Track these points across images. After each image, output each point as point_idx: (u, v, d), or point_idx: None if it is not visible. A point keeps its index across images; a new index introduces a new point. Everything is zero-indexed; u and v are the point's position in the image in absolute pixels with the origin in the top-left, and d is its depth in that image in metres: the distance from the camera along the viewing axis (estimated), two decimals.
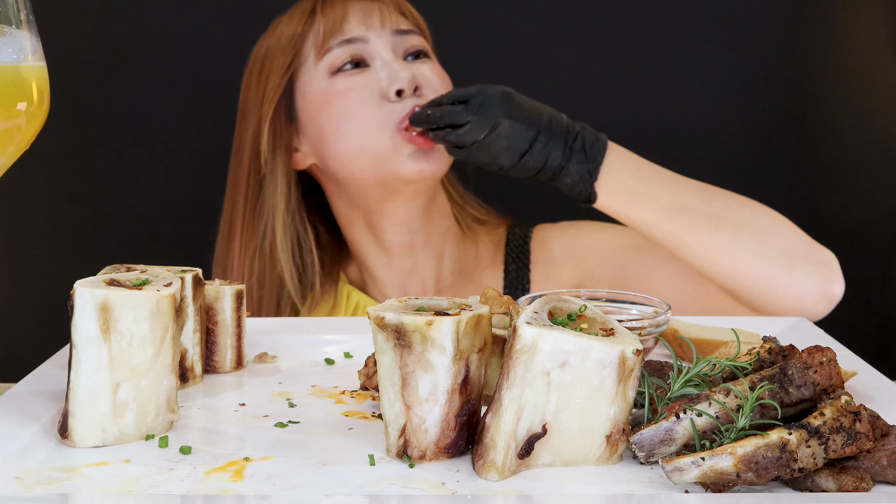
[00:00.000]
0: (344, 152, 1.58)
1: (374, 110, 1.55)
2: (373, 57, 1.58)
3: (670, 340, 1.14)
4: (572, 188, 1.44)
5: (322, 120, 1.59)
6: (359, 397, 1.05)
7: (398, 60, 1.58)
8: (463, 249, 1.72)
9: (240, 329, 1.13)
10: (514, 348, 0.83)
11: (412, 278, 1.68)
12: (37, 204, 2.14)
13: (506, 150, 1.42)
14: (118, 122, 2.13)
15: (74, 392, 0.90)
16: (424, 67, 1.60)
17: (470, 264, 1.72)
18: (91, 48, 2.11)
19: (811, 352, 0.86)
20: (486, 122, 1.41)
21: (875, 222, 2.11)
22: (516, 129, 1.42)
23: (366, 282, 1.71)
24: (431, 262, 1.68)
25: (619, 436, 0.85)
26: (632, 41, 2.09)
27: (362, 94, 1.56)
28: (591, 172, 1.43)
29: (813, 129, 2.11)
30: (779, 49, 2.09)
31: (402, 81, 1.54)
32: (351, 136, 1.56)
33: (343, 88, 1.57)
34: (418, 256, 1.68)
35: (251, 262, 1.64)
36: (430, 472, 0.85)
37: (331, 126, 1.58)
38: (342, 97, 1.57)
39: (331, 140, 1.58)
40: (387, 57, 1.58)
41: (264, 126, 1.62)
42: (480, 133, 1.42)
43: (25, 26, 0.92)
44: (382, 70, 1.57)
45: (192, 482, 0.83)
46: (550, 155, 1.42)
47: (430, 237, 1.67)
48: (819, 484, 0.79)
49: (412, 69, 1.58)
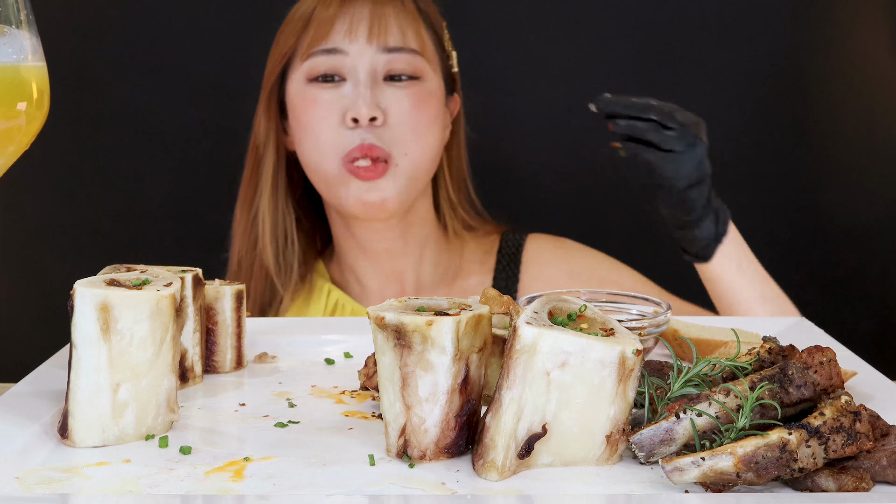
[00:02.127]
0: (305, 161, 1.63)
1: (329, 131, 1.57)
2: (349, 72, 1.58)
3: (670, 340, 1.14)
4: (697, 242, 1.48)
5: (294, 121, 1.63)
6: (359, 397, 1.05)
7: (370, 84, 1.57)
8: (447, 254, 1.72)
9: (240, 329, 1.13)
10: (514, 348, 0.83)
11: (391, 282, 1.69)
12: (37, 204, 2.14)
13: (690, 171, 1.44)
14: (118, 122, 2.13)
15: (74, 392, 0.90)
16: (401, 93, 1.58)
17: (454, 269, 1.72)
18: (91, 48, 2.11)
19: (811, 352, 0.86)
20: (689, 138, 1.43)
21: (875, 222, 2.11)
22: (703, 160, 1.45)
23: (347, 280, 1.72)
24: (411, 267, 1.69)
25: (619, 436, 0.85)
26: (632, 41, 2.09)
27: (327, 110, 1.58)
28: (718, 235, 1.48)
29: (813, 129, 2.11)
30: (779, 49, 2.09)
31: (360, 110, 1.55)
32: (310, 149, 1.60)
33: (311, 99, 1.59)
34: (397, 261, 1.69)
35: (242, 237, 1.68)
36: (430, 472, 0.85)
37: (298, 131, 1.61)
38: (310, 107, 1.59)
39: (299, 144, 1.63)
40: (361, 77, 1.57)
41: (260, 107, 1.66)
42: (681, 145, 1.42)
43: (25, 26, 0.92)
44: (351, 91, 1.57)
45: (192, 482, 0.83)
46: (702, 199, 1.46)
47: (409, 244, 1.68)
48: (819, 484, 0.79)
49: (381, 96, 1.57)
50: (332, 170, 1.58)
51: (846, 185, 2.11)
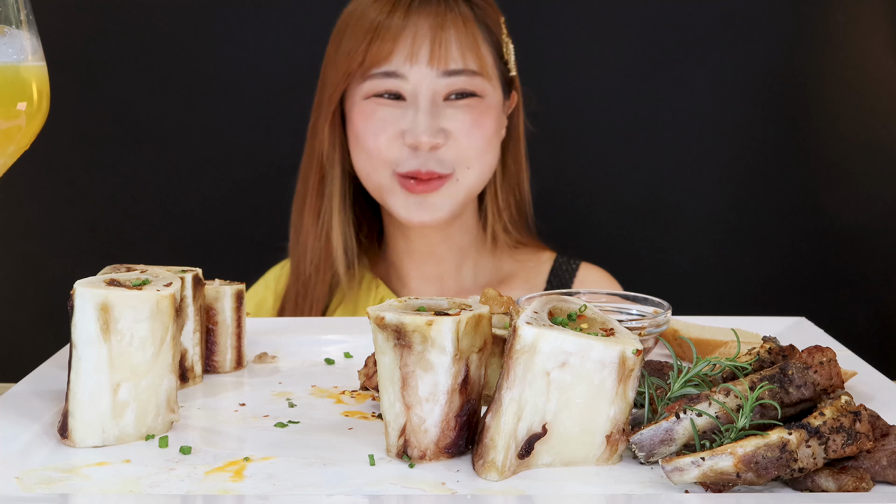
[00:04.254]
0: (357, 169, 1.65)
1: (385, 146, 1.59)
2: (409, 95, 1.60)
3: (670, 340, 1.14)
4: None
5: (350, 132, 1.64)
6: (359, 397, 1.05)
7: (430, 109, 1.58)
8: (492, 265, 1.74)
9: (240, 329, 1.13)
10: (514, 348, 0.83)
11: (432, 283, 1.71)
12: (37, 204, 2.14)
13: None
14: (118, 122, 2.13)
15: (74, 392, 0.90)
16: (462, 111, 1.60)
17: (496, 282, 1.73)
18: (91, 48, 2.11)
19: (811, 352, 0.86)
20: None
21: (875, 222, 2.11)
22: None
23: (391, 277, 1.74)
24: (451, 273, 1.70)
25: (619, 436, 0.85)
26: (632, 41, 2.09)
27: (384, 126, 1.59)
28: None
29: (813, 129, 2.11)
30: (779, 49, 2.09)
31: (420, 138, 1.57)
32: (364, 160, 1.62)
33: (369, 114, 1.60)
34: (441, 266, 1.71)
35: (313, 250, 1.68)
36: (430, 472, 0.85)
37: (354, 142, 1.63)
38: (367, 121, 1.60)
39: (353, 153, 1.65)
40: (422, 103, 1.58)
41: (321, 122, 1.66)
42: None
43: (25, 26, 0.92)
44: (412, 114, 1.58)
45: (192, 482, 0.83)
46: None
47: (451, 250, 1.71)
48: (819, 484, 0.79)
49: (442, 119, 1.58)
50: (384, 181, 1.61)
51: (846, 185, 2.11)
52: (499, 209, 1.72)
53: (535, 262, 1.76)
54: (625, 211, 2.15)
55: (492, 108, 1.63)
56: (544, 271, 1.75)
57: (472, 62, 1.60)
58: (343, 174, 1.67)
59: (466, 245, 1.72)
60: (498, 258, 1.75)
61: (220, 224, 2.15)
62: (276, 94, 2.10)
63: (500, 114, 1.67)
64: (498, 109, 1.65)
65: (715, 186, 2.13)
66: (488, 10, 1.65)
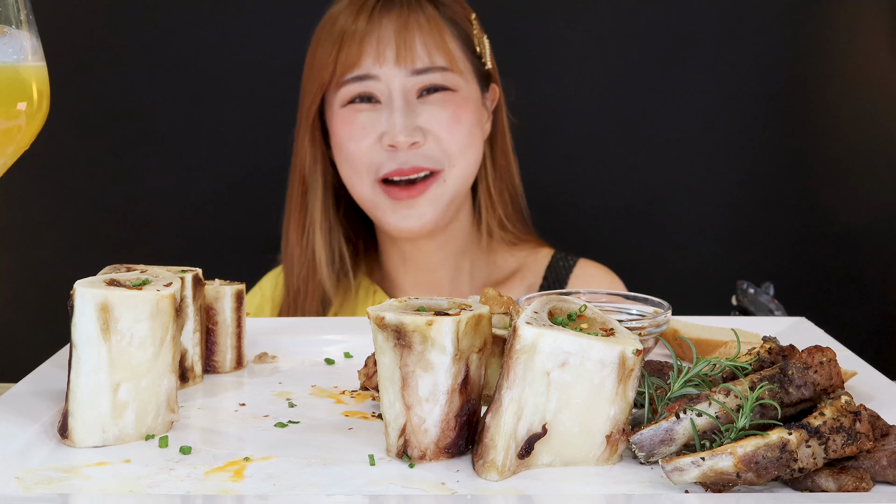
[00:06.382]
0: (343, 178, 1.66)
1: (365, 151, 1.60)
2: (383, 96, 1.60)
3: (670, 340, 1.14)
4: None
5: (333, 141, 1.65)
6: (359, 397, 1.05)
7: (405, 107, 1.59)
8: (488, 267, 1.73)
9: (240, 329, 1.13)
10: (514, 348, 0.83)
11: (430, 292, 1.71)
12: (37, 204, 2.14)
13: None
14: (118, 123, 2.13)
15: (74, 392, 0.90)
16: (438, 107, 1.60)
17: (492, 282, 1.73)
18: (91, 48, 2.11)
19: (811, 352, 0.86)
20: None
21: (875, 222, 2.11)
22: None
23: (387, 285, 1.74)
24: (447, 281, 1.70)
25: (619, 436, 0.85)
26: (634, 41, 2.09)
27: (362, 131, 1.60)
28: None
29: (813, 129, 2.11)
30: (779, 49, 2.09)
31: (397, 137, 1.57)
32: (347, 168, 1.63)
33: (348, 120, 1.61)
34: (437, 274, 1.71)
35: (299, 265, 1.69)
36: (430, 472, 0.85)
37: (336, 150, 1.64)
38: (346, 127, 1.61)
39: (338, 162, 1.65)
40: (396, 102, 1.59)
41: (302, 134, 1.67)
42: None
43: (25, 26, 0.92)
44: (387, 114, 1.59)
45: (192, 482, 0.83)
46: None
47: (447, 258, 1.70)
48: (819, 484, 0.79)
49: (418, 117, 1.59)
50: (368, 191, 1.62)
51: (846, 185, 2.11)
52: (493, 203, 1.72)
53: (532, 259, 1.76)
54: (625, 211, 2.15)
55: (468, 101, 1.63)
56: (541, 267, 1.75)
57: (439, 58, 1.61)
58: (326, 187, 1.68)
59: (462, 250, 1.72)
60: (495, 256, 1.74)
61: (220, 224, 2.16)
62: (276, 95, 2.10)
63: (479, 107, 1.66)
64: (475, 103, 1.65)
65: (715, 186, 2.13)
66: (455, 7, 1.65)
